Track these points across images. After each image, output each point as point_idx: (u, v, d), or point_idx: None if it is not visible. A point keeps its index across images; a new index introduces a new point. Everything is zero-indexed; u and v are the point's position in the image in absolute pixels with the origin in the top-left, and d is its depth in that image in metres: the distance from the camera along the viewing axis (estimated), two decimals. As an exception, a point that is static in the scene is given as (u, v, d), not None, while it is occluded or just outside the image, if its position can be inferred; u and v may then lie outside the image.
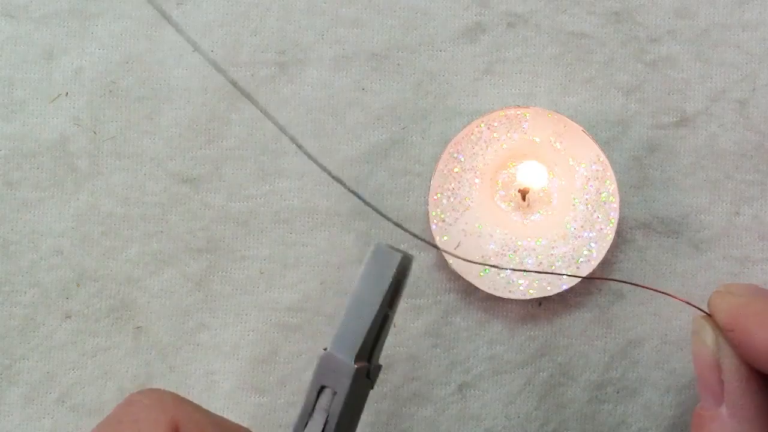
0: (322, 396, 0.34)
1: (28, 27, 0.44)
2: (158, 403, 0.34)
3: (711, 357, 0.36)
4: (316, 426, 0.34)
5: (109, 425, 0.33)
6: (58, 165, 0.44)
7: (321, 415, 0.34)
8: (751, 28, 0.44)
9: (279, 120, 0.44)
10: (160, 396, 0.34)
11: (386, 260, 0.35)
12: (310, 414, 0.34)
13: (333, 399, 0.34)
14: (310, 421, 0.34)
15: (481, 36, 0.44)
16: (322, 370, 0.34)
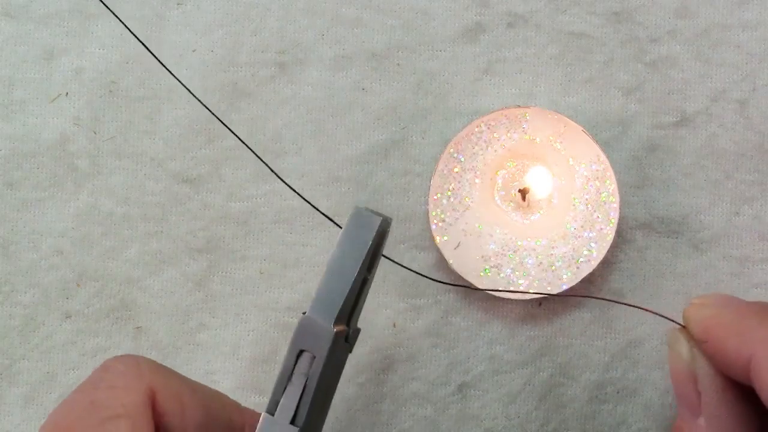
0: (301, 360, 0.34)
1: (28, 27, 0.44)
2: (134, 370, 0.33)
3: (686, 369, 0.36)
4: (294, 390, 0.34)
5: (84, 391, 0.32)
6: (58, 165, 0.44)
7: (300, 379, 0.34)
8: (751, 28, 0.44)
9: (279, 120, 0.44)
10: (136, 362, 0.34)
11: (366, 223, 0.34)
12: (288, 378, 0.34)
13: (312, 363, 0.34)
14: (288, 385, 0.34)
15: (481, 36, 0.44)
16: (301, 334, 0.34)
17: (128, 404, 0.32)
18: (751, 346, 0.34)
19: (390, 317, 0.43)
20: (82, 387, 0.33)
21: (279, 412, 0.33)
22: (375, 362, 0.43)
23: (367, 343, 0.43)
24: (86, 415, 0.31)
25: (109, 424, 0.31)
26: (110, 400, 0.32)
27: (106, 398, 0.32)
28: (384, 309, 0.43)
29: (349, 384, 0.43)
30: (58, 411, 0.32)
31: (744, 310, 0.35)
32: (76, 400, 0.32)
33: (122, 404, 0.32)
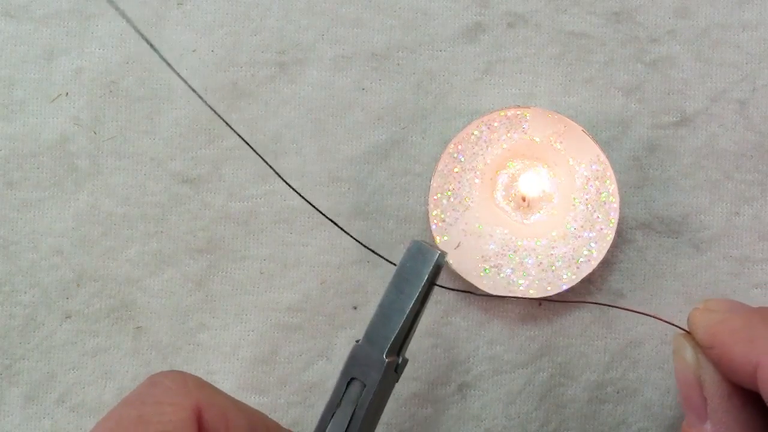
0: (351, 387, 0.35)
1: (28, 27, 0.44)
2: (182, 386, 0.33)
3: (692, 375, 0.37)
4: (343, 417, 0.34)
5: (132, 404, 0.32)
6: (58, 165, 0.44)
7: (348, 406, 0.34)
8: (751, 28, 0.44)
9: (279, 120, 0.44)
10: (183, 378, 0.34)
11: (423, 257, 0.35)
12: (337, 405, 0.35)
13: (362, 392, 0.34)
14: (337, 411, 0.34)
15: (481, 36, 0.44)
16: (353, 362, 0.35)
17: (175, 421, 0.32)
18: (758, 353, 0.34)
19: (390, 317, 0.43)
20: (129, 400, 0.33)
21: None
22: (375, 362, 0.43)
23: (367, 343, 0.43)
24: (133, 429, 0.31)
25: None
26: (158, 416, 0.32)
27: (154, 414, 0.32)
28: (384, 309, 0.43)
29: (349, 384, 0.43)
30: (104, 424, 0.32)
31: (751, 317, 0.35)
32: (123, 415, 0.32)
33: (170, 420, 0.32)
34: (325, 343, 0.43)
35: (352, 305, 0.43)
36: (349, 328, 0.43)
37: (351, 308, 0.43)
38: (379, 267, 0.43)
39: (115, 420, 0.32)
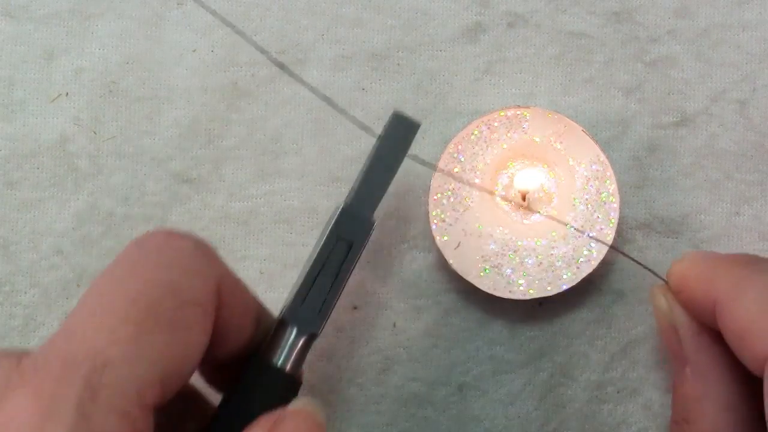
0: (335, 249, 0.36)
1: (28, 27, 0.44)
2: (207, 256, 0.33)
3: (667, 320, 0.39)
4: (326, 278, 0.35)
5: (160, 269, 0.31)
6: (58, 165, 0.44)
7: (331, 269, 0.35)
8: (751, 28, 0.44)
9: (279, 120, 0.44)
10: (206, 247, 0.33)
11: (405, 126, 0.37)
12: (322, 265, 0.35)
13: (348, 252, 0.36)
14: (321, 271, 0.35)
15: (481, 36, 0.44)
16: (340, 223, 0.36)
17: (201, 292, 0.31)
18: (716, 291, 0.36)
19: (390, 318, 0.43)
20: (155, 261, 0.31)
21: (309, 299, 0.35)
22: (375, 363, 0.43)
23: (367, 343, 0.43)
24: (165, 296, 0.30)
25: (186, 310, 0.31)
26: (187, 285, 0.31)
27: (183, 282, 0.31)
28: (384, 309, 0.43)
29: (349, 385, 0.43)
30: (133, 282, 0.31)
31: (716, 260, 0.38)
32: (154, 280, 0.31)
33: (198, 291, 0.31)
34: (324, 343, 0.43)
35: (352, 305, 0.43)
36: (349, 328, 0.43)
37: (351, 308, 0.43)
38: (379, 267, 0.43)
39: (145, 282, 0.31)
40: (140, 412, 0.29)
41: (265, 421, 0.32)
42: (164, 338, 0.30)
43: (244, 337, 0.35)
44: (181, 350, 0.30)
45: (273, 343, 0.35)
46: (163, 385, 0.30)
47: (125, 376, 0.29)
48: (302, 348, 0.35)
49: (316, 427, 0.32)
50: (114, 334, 0.29)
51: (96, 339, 0.29)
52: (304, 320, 0.35)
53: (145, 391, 0.29)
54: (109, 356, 0.29)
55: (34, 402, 0.28)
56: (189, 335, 0.31)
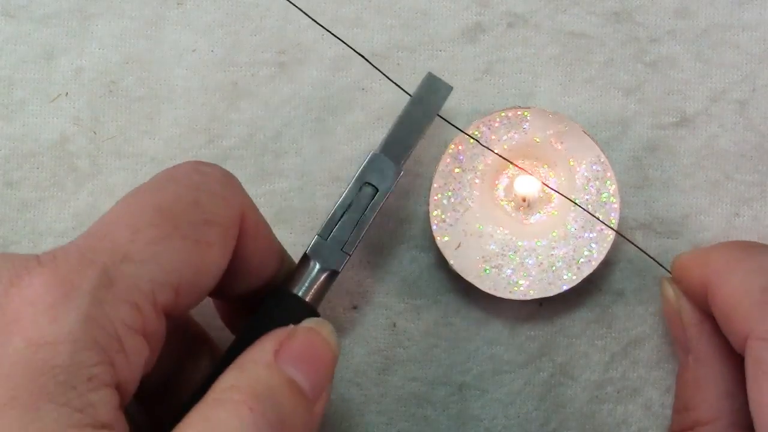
0: (363, 191, 0.38)
1: (28, 27, 0.44)
2: (233, 184, 0.34)
3: (673, 310, 0.40)
4: (351, 219, 0.38)
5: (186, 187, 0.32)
6: (58, 165, 0.44)
7: (357, 210, 0.38)
8: (751, 28, 0.44)
9: (279, 120, 0.44)
10: (232, 176, 0.34)
11: (438, 87, 0.40)
12: (348, 205, 0.38)
13: (374, 196, 0.38)
14: (348, 211, 0.38)
15: (481, 36, 0.44)
16: (369, 168, 0.38)
17: (226, 216, 0.33)
18: (707, 276, 0.37)
19: (390, 318, 0.43)
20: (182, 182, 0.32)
21: (332, 237, 0.38)
22: (375, 363, 0.43)
23: (367, 343, 0.43)
24: (190, 210, 0.31)
25: (207, 228, 0.32)
26: (211, 206, 0.32)
27: (208, 202, 0.32)
28: (384, 309, 0.43)
29: (348, 384, 0.43)
30: (161, 194, 0.32)
31: (711, 247, 0.39)
32: (180, 194, 0.32)
33: (223, 214, 0.32)
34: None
35: (352, 305, 0.43)
36: (350, 328, 0.43)
37: (351, 308, 0.43)
38: (379, 267, 0.43)
39: (174, 196, 0.32)
40: (152, 311, 0.30)
41: (277, 333, 0.33)
42: (184, 247, 0.31)
43: (265, 273, 0.36)
44: (199, 263, 0.31)
45: (295, 277, 0.37)
46: (177, 292, 0.31)
47: (141, 273, 0.30)
48: (323, 283, 0.37)
49: (327, 346, 0.33)
50: (136, 234, 0.30)
51: (118, 236, 0.30)
52: (326, 257, 0.37)
53: (159, 291, 0.30)
54: (129, 252, 0.30)
55: (50, 284, 0.28)
56: (208, 251, 0.32)
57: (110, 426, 0.28)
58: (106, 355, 0.28)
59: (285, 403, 0.30)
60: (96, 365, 0.28)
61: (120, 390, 0.29)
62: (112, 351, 0.28)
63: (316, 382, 0.32)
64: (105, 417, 0.28)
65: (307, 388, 0.32)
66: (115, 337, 0.28)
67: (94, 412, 0.27)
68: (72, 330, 0.28)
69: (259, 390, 0.30)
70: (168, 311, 0.31)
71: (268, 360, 0.31)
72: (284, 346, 0.32)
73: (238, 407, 0.29)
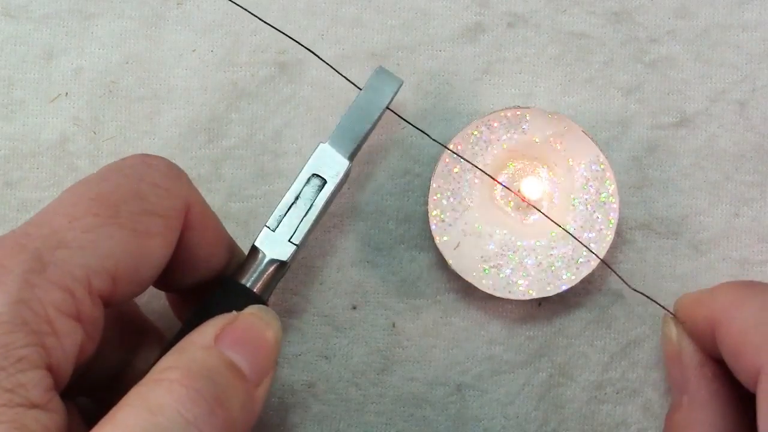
0: (310, 184, 0.38)
1: (28, 27, 0.44)
2: (178, 176, 0.34)
3: (674, 350, 0.40)
4: (299, 211, 0.38)
5: (129, 178, 0.33)
6: (58, 165, 0.44)
7: (305, 202, 0.38)
8: (751, 29, 0.44)
9: (279, 120, 0.44)
10: (178, 169, 0.35)
11: (388, 80, 0.40)
12: (295, 199, 0.38)
13: (321, 188, 0.38)
14: (294, 204, 0.38)
15: (481, 36, 0.44)
16: (318, 160, 0.38)
17: (169, 207, 0.33)
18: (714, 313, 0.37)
19: (389, 317, 0.43)
20: (125, 173, 0.33)
21: (280, 228, 0.38)
22: (374, 363, 0.43)
23: (366, 343, 0.43)
24: (131, 201, 0.32)
25: (148, 219, 0.32)
26: (153, 197, 0.32)
27: (150, 193, 0.32)
28: (383, 309, 0.43)
29: (347, 384, 0.43)
30: (102, 184, 0.32)
31: (716, 287, 0.39)
32: (122, 185, 0.32)
33: (164, 205, 0.33)
34: (324, 343, 0.43)
35: (351, 305, 0.43)
36: (349, 328, 0.43)
37: (350, 308, 0.43)
38: (379, 267, 0.44)
39: (114, 186, 0.32)
40: (86, 296, 0.30)
41: (219, 318, 0.33)
42: (122, 235, 0.31)
43: (213, 265, 0.36)
44: (138, 252, 0.32)
45: (243, 268, 0.37)
46: (115, 280, 0.31)
47: (76, 259, 0.30)
48: (271, 274, 0.37)
49: (269, 330, 0.34)
50: (73, 221, 0.31)
51: (55, 223, 0.30)
52: (274, 248, 0.37)
53: (94, 278, 0.30)
54: (64, 238, 0.30)
55: None
56: (148, 241, 0.32)
57: (42, 406, 0.28)
58: (36, 337, 0.28)
59: (223, 383, 0.31)
60: (25, 347, 0.28)
61: (53, 372, 0.29)
62: (43, 333, 0.29)
63: (257, 365, 0.32)
64: (36, 398, 0.28)
65: (248, 370, 0.32)
66: (46, 319, 0.29)
67: (24, 392, 0.28)
68: (1, 312, 0.28)
69: (195, 369, 0.30)
70: (106, 298, 0.31)
71: (207, 342, 0.32)
72: (226, 329, 0.32)
73: (173, 385, 0.29)
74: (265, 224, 0.38)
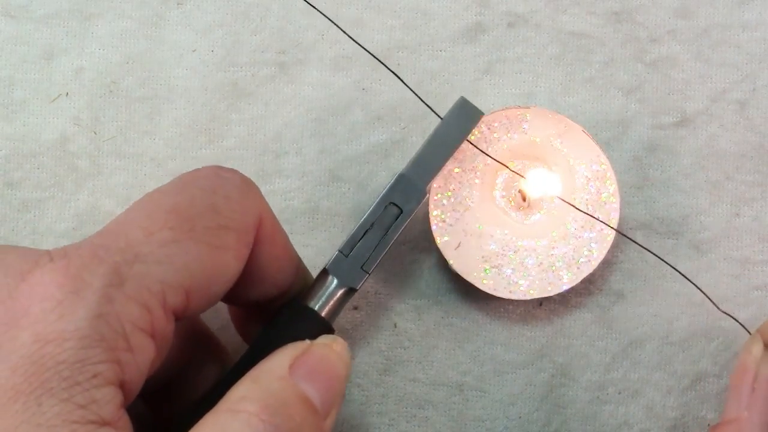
0: (387, 211, 0.38)
1: (28, 27, 0.44)
2: (251, 189, 0.34)
3: (753, 365, 0.39)
4: (373, 238, 0.38)
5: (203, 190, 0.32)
6: (59, 165, 0.44)
7: (380, 229, 0.38)
8: (751, 28, 0.44)
9: (279, 120, 0.44)
10: (251, 182, 0.34)
11: (469, 112, 0.40)
12: (371, 225, 0.38)
13: (398, 217, 0.38)
14: (370, 230, 0.38)
15: (481, 36, 0.44)
16: (395, 189, 0.38)
17: (241, 221, 0.33)
18: None
19: (390, 318, 0.43)
20: (199, 185, 0.33)
21: (353, 254, 0.38)
22: (375, 363, 0.43)
23: (368, 344, 0.43)
24: (206, 214, 0.32)
25: (222, 232, 0.32)
26: (228, 211, 0.32)
27: (225, 207, 0.32)
28: (384, 310, 0.43)
29: (349, 385, 0.43)
30: (178, 197, 0.32)
31: None
32: (196, 197, 0.32)
33: (237, 218, 0.32)
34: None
35: (352, 306, 0.43)
36: (350, 328, 0.43)
37: (351, 309, 0.43)
38: (379, 267, 0.43)
39: (190, 199, 0.32)
40: (161, 312, 0.30)
41: (293, 347, 0.33)
42: (197, 250, 0.31)
43: (280, 282, 0.36)
44: (212, 266, 0.31)
45: (312, 291, 0.37)
46: (189, 294, 0.31)
47: (153, 273, 0.30)
48: (339, 299, 0.37)
49: (341, 363, 0.34)
50: (150, 234, 0.30)
51: (131, 236, 0.30)
52: (345, 273, 0.37)
53: (169, 293, 0.30)
54: (141, 252, 0.30)
55: (60, 280, 0.28)
56: (222, 255, 0.32)
57: (112, 424, 0.28)
58: (113, 354, 0.28)
59: (296, 417, 0.30)
60: (101, 363, 0.28)
61: (124, 389, 0.29)
62: (119, 349, 0.28)
63: (328, 398, 0.32)
64: (108, 415, 0.28)
65: (319, 403, 0.32)
66: (123, 335, 0.29)
67: (97, 409, 0.28)
68: (79, 327, 0.28)
69: (272, 402, 0.30)
70: (178, 313, 0.31)
71: (282, 373, 0.32)
72: (299, 360, 0.32)
73: (251, 418, 0.29)
74: (339, 249, 0.38)
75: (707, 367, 0.43)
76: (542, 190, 0.42)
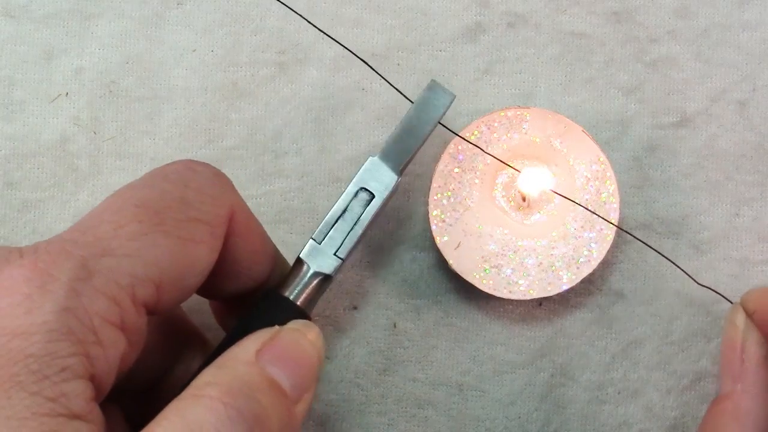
0: (357, 198, 0.38)
1: (28, 27, 0.44)
2: (222, 182, 0.34)
3: (739, 337, 0.40)
4: (345, 225, 0.37)
5: (173, 183, 0.32)
6: (59, 165, 0.44)
7: (352, 215, 0.38)
8: (751, 28, 0.44)
9: (279, 120, 0.44)
10: (222, 174, 0.34)
11: (440, 95, 0.39)
12: (343, 211, 0.37)
13: (369, 202, 0.38)
14: (342, 217, 0.37)
15: (481, 36, 0.44)
16: (367, 174, 0.38)
17: (213, 214, 0.33)
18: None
19: (390, 318, 0.43)
20: (170, 178, 0.33)
21: (326, 241, 0.37)
22: (375, 363, 0.43)
23: (367, 343, 0.43)
24: (176, 207, 0.32)
25: (194, 225, 0.32)
26: (199, 204, 0.32)
27: (195, 200, 0.32)
28: (384, 309, 0.43)
29: (349, 385, 0.43)
30: (147, 190, 0.32)
31: None
32: (166, 191, 0.32)
33: (209, 211, 0.32)
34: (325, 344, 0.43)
35: (352, 305, 0.43)
36: (350, 328, 0.43)
37: (351, 308, 0.43)
38: (379, 267, 0.43)
39: (159, 192, 0.32)
40: (131, 305, 0.30)
41: (261, 333, 0.33)
42: (167, 243, 0.31)
43: (257, 274, 0.36)
44: (183, 259, 0.31)
45: (287, 280, 0.37)
46: (159, 287, 0.31)
47: (122, 267, 0.30)
48: (315, 287, 0.37)
49: (311, 347, 0.33)
50: (118, 228, 0.30)
51: (100, 230, 0.30)
52: (319, 261, 0.37)
53: (139, 286, 0.30)
54: (110, 246, 0.30)
55: (28, 275, 0.28)
56: (193, 248, 0.32)
57: (83, 417, 0.28)
58: (81, 347, 0.28)
59: (263, 401, 0.30)
60: (70, 356, 0.28)
61: (95, 382, 0.29)
62: (88, 343, 0.28)
63: (298, 383, 0.32)
64: (78, 408, 0.28)
65: (288, 387, 0.32)
66: (91, 329, 0.29)
67: (66, 402, 0.27)
68: (47, 320, 0.28)
69: (236, 386, 0.30)
70: (149, 307, 0.31)
71: (248, 358, 0.31)
72: (267, 345, 0.32)
73: (213, 402, 0.29)
74: (311, 236, 0.37)
75: (707, 366, 0.43)
76: (537, 185, 0.42)
